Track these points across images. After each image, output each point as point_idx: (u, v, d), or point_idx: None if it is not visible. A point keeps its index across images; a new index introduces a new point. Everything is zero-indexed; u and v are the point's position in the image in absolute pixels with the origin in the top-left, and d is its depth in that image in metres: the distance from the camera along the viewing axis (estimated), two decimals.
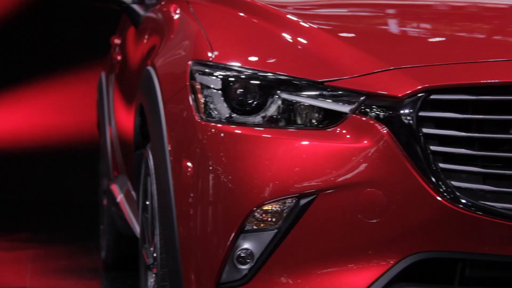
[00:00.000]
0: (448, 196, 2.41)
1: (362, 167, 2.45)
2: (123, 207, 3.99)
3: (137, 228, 3.44)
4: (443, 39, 2.73)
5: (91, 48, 6.62)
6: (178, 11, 3.11)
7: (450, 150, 2.44)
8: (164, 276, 2.73)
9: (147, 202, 3.02)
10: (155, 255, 2.85)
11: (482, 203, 2.42)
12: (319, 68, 2.55)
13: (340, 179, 2.46)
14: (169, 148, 2.69)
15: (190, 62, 2.68)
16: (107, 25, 5.31)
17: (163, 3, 3.42)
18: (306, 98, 2.53)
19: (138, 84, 3.19)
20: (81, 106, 6.91)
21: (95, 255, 5.05)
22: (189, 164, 2.61)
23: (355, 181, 2.45)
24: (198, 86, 2.63)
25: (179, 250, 2.62)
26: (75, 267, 4.84)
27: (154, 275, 2.94)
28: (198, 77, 2.64)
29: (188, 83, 2.67)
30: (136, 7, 3.74)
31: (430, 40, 2.73)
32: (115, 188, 4.29)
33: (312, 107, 2.53)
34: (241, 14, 2.89)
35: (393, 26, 2.82)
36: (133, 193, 3.67)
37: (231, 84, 2.59)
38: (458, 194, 2.42)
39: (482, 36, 2.70)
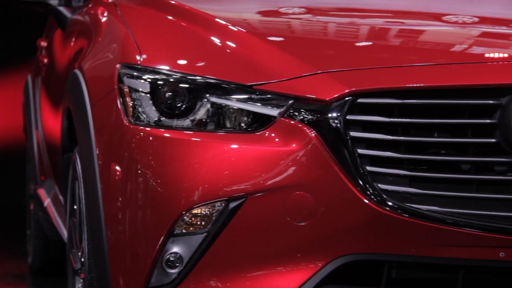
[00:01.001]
0: (375, 199, 2.44)
1: (291, 170, 2.46)
2: (51, 212, 3.94)
3: (64, 233, 3.41)
4: (371, 43, 2.76)
5: (17, 51, 6.53)
6: (105, 14, 3.09)
7: (377, 153, 2.46)
8: (92, 281, 2.70)
9: (75, 207, 2.99)
10: (83, 260, 2.82)
11: (408, 206, 2.46)
12: (248, 72, 2.55)
13: (269, 183, 2.47)
14: (97, 152, 2.67)
15: (118, 65, 2.66)
16: (34, 27, 5.24)
17: (90, 5, 3.39)
18: (235, 102, 2.54)
19: (65, 88, 3.16)
20: (7, 109, 6.80)
21: (22, 261, 4.97)
22: (117, 168, 2.60)
23: (284, 185, 2.46)
24: (126, 90, 2.62)
25: (107, 254, 2.60)
26: (1, 273, 4.76)
27: (81, 280, 2.91)
28: (126, 80, 2.63)
29: (116, 87, 2.65)
30: (62, 9, 3.70)
31: (358, 44, 2.76)
32: (42, 192, 4.24)
33: (241, 110, 2.54)
34: (170, 17, 2.88)
35: (322, 30, 2.85)
36: (60, 197, 3.63)
37: (160, 87, 2.58)
38: (384, 196, 2.45)
39: (409, 40, 2.74)
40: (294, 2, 3.13)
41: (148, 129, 2.55)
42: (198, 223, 2.52)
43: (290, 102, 2.50)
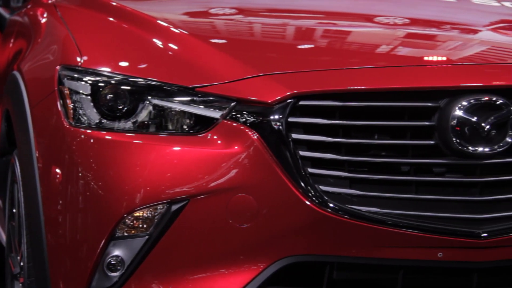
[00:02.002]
0: (316, 201, 2.46)
1: (233, 172, 2.47)
2: None
3: (3, 237, 3.36)
4: (313, 46, 2.78)
5: None
6: (45, 15, 3.06)
7: (318, 155, 2.48)
8: (31, 285, 2.68)
9: (14, 210, 2.95)
10: (22, 264, 2.79)
11: (349, 207, 2.48)
12: (190, 74, 2.55)
13: (211, 185, 2.47)
14: (37, 155, 2.64)
15: (58, 67, 2.64)
16: None
17: (29, 6, 3.36)
18: (177, 104, 2.53)
19: (4, 89, 3.12)
20: None
21: None
22: (57, 170, 2.57)
23: (226, 187, 2.47)
24: (67, 91, 2.60)
25: (47, 258, 2.58)
26: None
27: (21, 284, 2.88)
28: (67, 82, 2.60)
29: (56, 88, 2.62)
30: (0, 10, 3.65)
31: (300, 47, 2.77)
32: None
33: (183, 112, 2.53)
34: (111, 19, 2.86)
35: (265, 33, 2.86)
36: None
37: (101, 89, 2.56)
38: (326, 198, 2.46)
39: (351, 43, 2.77)
40: (237, 5, 3.14)
41: (89, 131, 2.54)
42: (140, 225, 2.51)
43: (233, 104, 2.50)
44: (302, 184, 2.46)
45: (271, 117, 2.47)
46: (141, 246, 2.50)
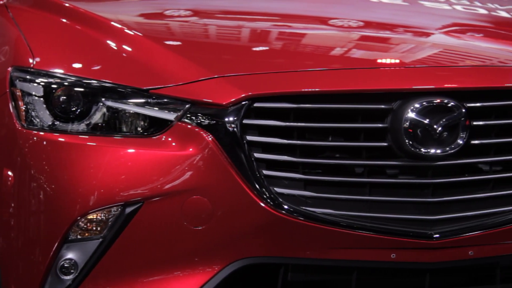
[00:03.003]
0: (271, 202, 2.46)
1: (188, 174, 2.46)
2: None
3: None
4: (268, 48, 2.79)
5: None
6: None
7: (273, 157, 2.49)
8: None
9: None
10: None
11: (303, 209, 2.49)
12: (144, 76, 2.54)
13: (165, 187, 2.46)
14: None
15: (10, 69, 2.61)
16: None
17: None
18: (131, 106, 2.52)
19: None
20: None
21: None
22: (9, 173, 2.54)
23: (181, 189, 2.46)
24: (19, 93, 2.57)
25: None
26: None
27: None
28: (19, 84, 2.58)
29: (8, 90, 2.60)
30: None
31: (255, 49, 2.78)
32: None
33: (137, 114, 2.52)
34: (64, 20, 2.84)
35: (219, 35, 2.86)
36: None
37: (54, 91, 2.54)
38: (280, 200, 2.47)
39: (305, 45, 2.78)
40: (192, 7, 3.14)
41: (41, 133, 2.51)
42: (94, 228, 2.49)
43: (187, 106, 2.50)
44: (257, 186, 2.46)
45: (226, 119, 2.47)
46: (95, 249, 2.48)
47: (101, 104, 2.53)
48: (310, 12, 3.08)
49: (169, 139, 2.49)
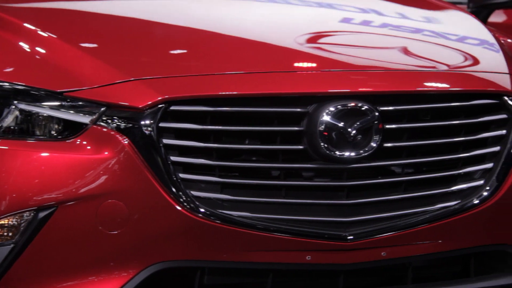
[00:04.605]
0: (188, 206, 2.46)
1: (103, 178, 2.44)
2: None
3: None
4: (185, 51, 2.78)
5: None
6: None
7: (190, 160, 2.48)
8: None
9: None
10: None
11: (220, 212, 2.49)
12: (58, 78, 2.50)
13: (80, 191, 2.43)
14: None
15: None
16: None
17: None
18: (44, 109, 2.48)
19: None
20: None
21: None
22: None
23: (96, 193, 2.43)
24: None
25: None
26: None
27: None
28: None
29: None
30: None
31: (172, 52, 2.76)
32: None
33: (51, 118, 2.48)
34: None
35: (137, 38, 2.82)
36: None
37: None
38: (197, 203, 2.47)
39: (223, 48, 2.78)
40: (108, 10, 3.10)
41: None
42: (5, 234, 2.44)
43: (102, 109, 2.47)
44: (173, 190, 2.45)
45: (142, 122, 2.45)
46: (6, 254, 2.44)
47: (13, 107, 2.47)
48: (226, 16, 3.08)
49: (84, 142, 2.46)
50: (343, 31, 3.07)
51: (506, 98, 2.72)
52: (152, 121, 2.45)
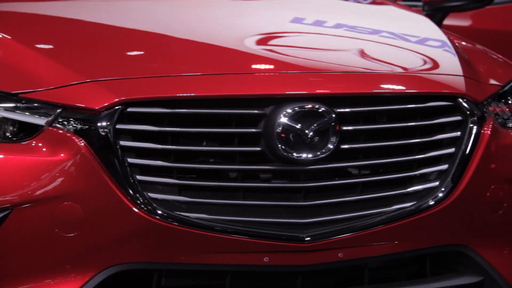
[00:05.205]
0: (145, 208, 2.45)
1: (59, 180, 2.42)
2: None
3: None
4: (142, 52, 2.76)
5: None
6: None
7: (147, 162, 2.47)
8: None
9: None
10: None
11: (177, 214, 2.48)
12: (14, 80, 2.48)
13: (36, 193, 2.41)
14: None
15: None
16: None
17: None
18: None
19: None
20: None
21: None
22: None
23: (52, 195, 2.41)
24: None
25: None
26: None
27: None
28: None
29: None
30: None
31: (129, 53, 2.75)
32: None
33: (6, 119, 2.46)
34: None
35: (93, 39, 2.80)
36: None
37: None
38: (154, 205, 2.46)
39: (181, 50, 2.77)
40: (64, 11, 3.07)
41: None
42: None
43: (58, 111, 2.45)
44: (131, 192, 2.44)
45: (99, 124, 2.44)
46: None
47: None
48: (186, 18, 3.07)
49: (40, 144, 2.43)
50: (301, 33, 3.08)
51: (460, 100, 2.75)
52: (108, 123, 2.44)
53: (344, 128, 2.60)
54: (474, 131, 2.73)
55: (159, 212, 2.46)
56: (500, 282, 2.78)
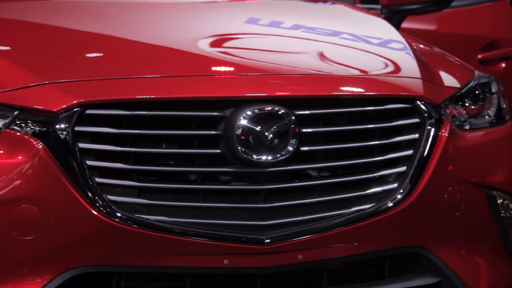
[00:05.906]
0: (104, 210, 2.43)
1: (17, 183, 2.40)
2: None
3: None
4: (101, 54, 2.74)
5: None
6: None
7: (106, 164, 2.46)
8: None
9: None
10: None
11: (137, 216, 2.47)
12: None
13: None
14: None
15: None
16: None
17: None
18: None
19: None
20: None
21: None
22: None
23: (9, 198, 2.39)
24: None
25: None
26: None
27: None
28: None
29: None
30: None
31: (88, 55, 2.73)
32: None
33: None
34: None
35: (52, 40, 2.78)
36: None
37: None
38: (114, 208, 2.45)
39: (141, 52, 2.75)
40: (23, 13, 3.04)
41: None
42: None
43: (16, 113, 2.43)
44: (89, 194, 2.42)
45: (57, 126, 2.42)
46: None
47: None
48: (147, 20, 3.05)
49: None
50: (262, 34, 3.08)
51: (418, 102, 2.77)
52: (67, 125, 2.42)
53: (304, 130, 2.61)
54: (432, 133, 2.75)
55: (118, 214, 2.45)
56: (457, 283, 2.80)
